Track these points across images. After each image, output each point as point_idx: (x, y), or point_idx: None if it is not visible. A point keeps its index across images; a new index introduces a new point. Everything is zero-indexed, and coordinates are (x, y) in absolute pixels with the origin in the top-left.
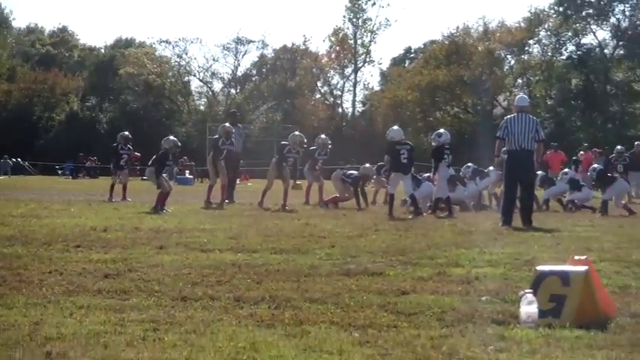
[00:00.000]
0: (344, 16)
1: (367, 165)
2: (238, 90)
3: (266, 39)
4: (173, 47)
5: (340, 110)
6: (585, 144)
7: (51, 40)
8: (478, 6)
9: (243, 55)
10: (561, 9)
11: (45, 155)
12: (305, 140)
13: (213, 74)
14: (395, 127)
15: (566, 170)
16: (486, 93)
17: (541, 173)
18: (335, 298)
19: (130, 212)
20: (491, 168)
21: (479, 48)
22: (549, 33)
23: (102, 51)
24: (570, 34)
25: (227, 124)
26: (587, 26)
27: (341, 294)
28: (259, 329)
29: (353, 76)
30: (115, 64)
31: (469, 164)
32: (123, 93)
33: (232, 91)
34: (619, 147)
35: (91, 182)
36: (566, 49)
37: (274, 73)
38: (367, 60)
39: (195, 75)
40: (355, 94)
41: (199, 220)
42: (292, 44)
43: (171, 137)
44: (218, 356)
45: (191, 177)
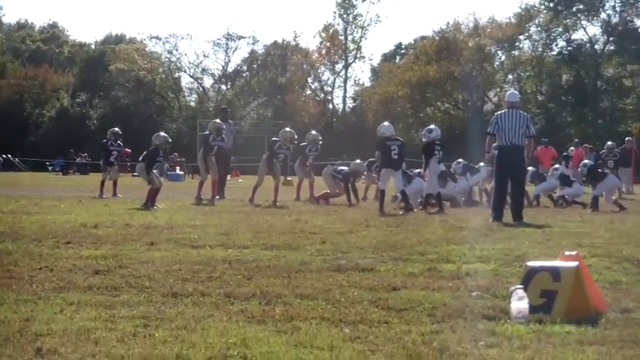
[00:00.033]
0: (334, 12)
1: (358, 161)
2: (229, 86)
3: (256, 35)
4: (163, 43)
5: (331, 106)
6: (576, 140)
7: (41, 36)
8: (468, 2)
9: (233, 51)
10: (552, 4)
11: (35, 151)
12: (296, 136)
13: (203, 70)
14: (385, 123)
15: (556, 166)
16: (477, 89)
17: (532, 169)
18: (326, 294)
19: (121, 208)
20: (481, 164)
21: (469, 44)
22: (540, 29)
23: (92, 47)
24: (561, 30)
25: (218, 120)
26: (577, 22)
27: (332, 290)
28: (250, 325)
29: (343, 72)
30: (106, 60)
31: (460, 160)
32: (113, 89)
33: (223, 87)
34: (609, 143)
35: (82, 178)
36: (556, 45)
37: (265, 69)
38: (358, 56)
39: (185, 71)
40: (346, 90)
41: (190, 217)
42: (283, 40)
43: (161, 133)
44: (209, 352)
45: (182, 173)
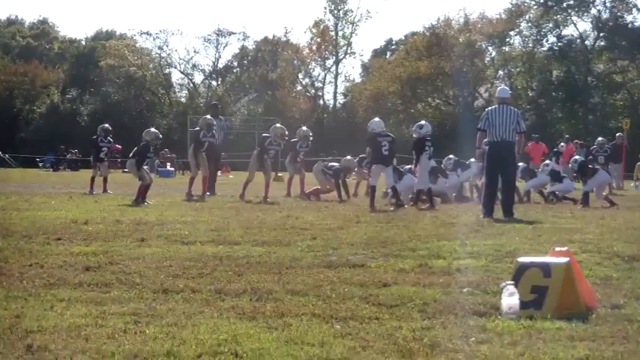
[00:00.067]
0: (325, 8)
1: (348, 157)
2: (219, 82)
3: (247, 31)
4: (154, 39)
5: (321, 102)
6: (566, 135)
7: (31, 32)
8: None
9: (224, 47)
10: (542, 0)
11: (25, 148)
12: (286, 132)
13: (194, 66)
14: (376, 119)
15: (547, 162)
16: (467, 85)
17: (522, 165)
18: (316, 291)
19: (111, 205)
20: (472, 160)
21: (460, 39)
22: (530, 24)
23: (82, 43)
24: (551, 26)
25: (208, 117)
26: (567, 17)
27: (322, 286)
28: (241, 322)
29: (334, 68)
30: (96, 57)
31: (450, 156)
32: (104, 85)
33: (213, 83)
34: (600, 138)
35: (72, 175)
36: (547, 41)
37: (255, 65)
38: (348, 52)
39: (176, 67)
40: (336, 86)
41: (180, 213)
42: (273, 36)
43: (152, 129)
44: (199, 349)
45: (172, 169)
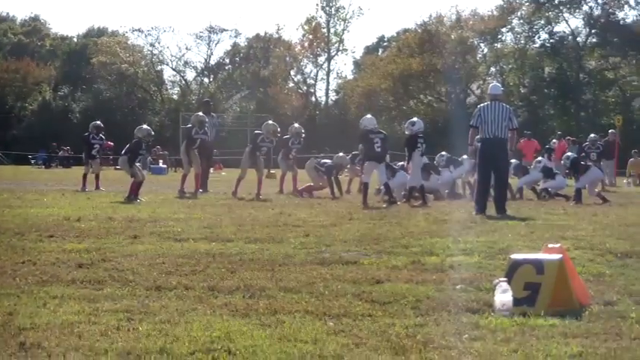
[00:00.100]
0: (317, 5)
1: (341, 154)
2: (211, 79)
3: (239, 28)
4: (146, 36)
5: (313, 99)
6: (559, 132)
7: (23, 29)
8: None
9: (216, 44)
10: None
11: (17, 145)
12: (278, 129)
13: (186, 63)
14: (368, 116)
15: (539, 158)
16: (459, 81)
17: (515, 161)
18: (309, 287)
19: (104, 202)
20: (464, 156)
21: (452, 36)
22: (522, 21)
23: (74, 40)
24: (543, 23)
25: (200, 114)
26: (559, 14)
27: (315, 283)
28: (234, 319)
29: (326, 65)
30: (88, 54)
31: (443, 153)
32: (95, 82)
33: (205, 80)
34: (592, 135)
35: (64, 172)
36: (539, 38)
37: (247, 62)
38: (340, 48)
39: (168, 64)
40: (328, 83)
41: (173, 210)
42: (265, 33)
43: (144, 126)
44: (192, 346)
45: (164, 166)
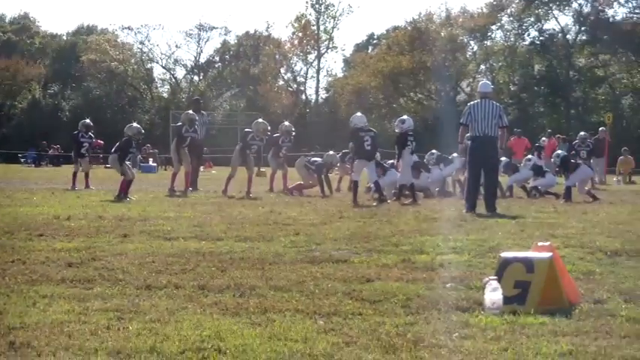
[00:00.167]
0: (306, 2)
1: (331, 152)
2: (201, 77)
3: (228, 25)
4: (135, 34)
5: (304, 97)
6: (548, 130)
7: (12, 27)
8: None
9: (205, 42)
10: None
11: (7, 143)
12: (268, 127)
13: (175, 61)
14: (358, 114)
15: (529, 156)
16: (449, 79)
17: (505, 159)
18: (299, 286)
19: (94, 200)
20: (455, 154)
21: (441, 34)
22: (512, 18)
23: (64, 38)
24: (533, 20)
25: (190, 112)
26: (549, 12)
27: (305, 282)
28: (224, 317)
29: (316, 63)
30: (77, 52)
31: (433, 151)
32: (85, 80)
33: (195, 78)
34: (582, 133)
35: (54, 170)
36: (528, 35)
37: (237, 60)
38: (330, 46)
39: (157, 62)
40: (318, 81)
41: (163, 208)
42: (255, 31)
43: (134, 124)
44: (183, 345)
45: (154, 165)
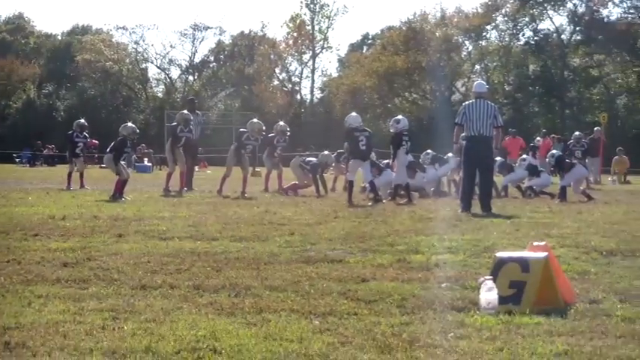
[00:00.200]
0: (301, 2)
1: (326, 152)
2: (196, 77)
3: (223, 25)
4: (130, 34)
5: (299, 97)
6: (543, 130)
7: (6, 27)
8: None
9: (200, 42)
10: None
11: (2, 143)
12: (263, 127)
13: (170, 61)
14: (353, 114)
15: (524, 156)
16: (444, 79)
17: (500, 159)
18: (295, 286)
19: (89, 200)
20: (450, 154)
21: (436, 34)
22: (506, 18)
23: (58, 38)
24: (527, 20)
25: (185, 112)
26: (544, 12)
27: (301, 281)
28: (219, 317)
29: (311, 63)
30: (72, 51)
31: (428, 151)
32: (80, 80)
33: (190, 78)
34: (577, 133)
35: (49, 170)
36: (523, 35)
37: (232, 60)
38: (325, 46)
39: (152, 62)
40: (313, 81)
41: (158, 208)
42: (250, 30)
43: (129, 124)
44: (178, 345)
45: (150, 165)
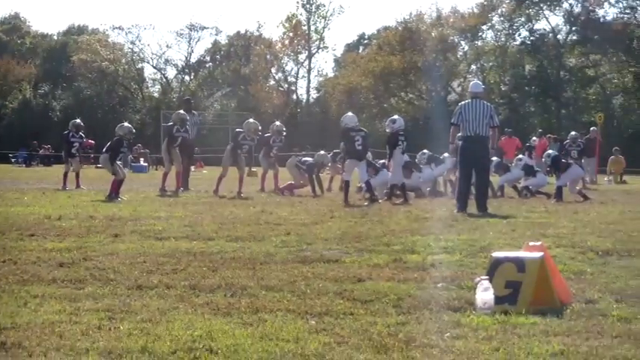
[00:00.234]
0: (297, 2)
1: (322, 152)
2: (192, 77)
3: (219, 25)
4: (126, 34)
5: (295, 97)
6: (539, 130)
7: (2, 27)
8: None
9: (196, 42)
10: None
11: None
12: (259, 127)
13: (166, 61)
14: (349, 114)
15: (520, 156)
16: (440, 79)
17: (496, 159)
18: (291, 286)
19: (85, 200)
20: (446, 154)
21: (432, 34)
22: (502, 19)
23: (54, 38)
24: (523, 20)
25: (181, 112)
26: (540, 12)
27: (297, 281)
28: (215, 317)
29: (307, 63)
30: (68, 51)
31: (424, 151)
32: (76, 80)
33: (186, 78)
34: (573, 133)
35: (45, 170)
36: (519, 35)
37: (228, 60)
38: (321, 46)
39: (148, 62)
40: (309, 81)
41: (154, 208)
42: (246, 30)
43: (125, 124)
44: (174, 345)
45: (146, 165)
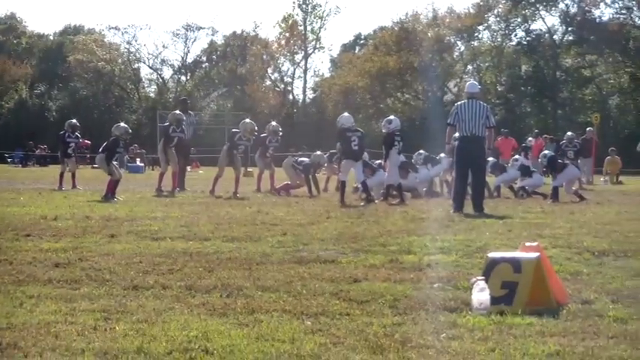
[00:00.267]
0: (294, 2)
1: (318, 152)
2: (188, 77)
3: (216, 25)
4: (122, 34)
5: (291, 97)
6: (536, 130)
7: None
8: None
9: (192, 42)
10: None
11: None
12: (256, 127)
13: (163, 61)
14: (345, 114)
15: (516, 157)
16: (436, 79)
17: (492, 160)
18: (287, 286)
19: (81, 200)
20: (442, 155)
21: (428, 34)
22: (499, 19)
23: (51, 38)
24: (519, 20)
25: (177, 112)
26: (536, 12)
27: (293, 282)
28: (211, 318)
29: (303, 63)
30: (64, 52)
31: (421, 151)
32: (72, 80)
33: (182, 78)
34: (569, 133)
35: (41, 170)
36: (515, 35)
37: (224, 60)
38: (317, 46)
39: (144, 62)
40: (306, 81)
41: (150, 208)
42: (242, 31)
43: (121, 124)
44: (170, 345)
45: (142, 165)
